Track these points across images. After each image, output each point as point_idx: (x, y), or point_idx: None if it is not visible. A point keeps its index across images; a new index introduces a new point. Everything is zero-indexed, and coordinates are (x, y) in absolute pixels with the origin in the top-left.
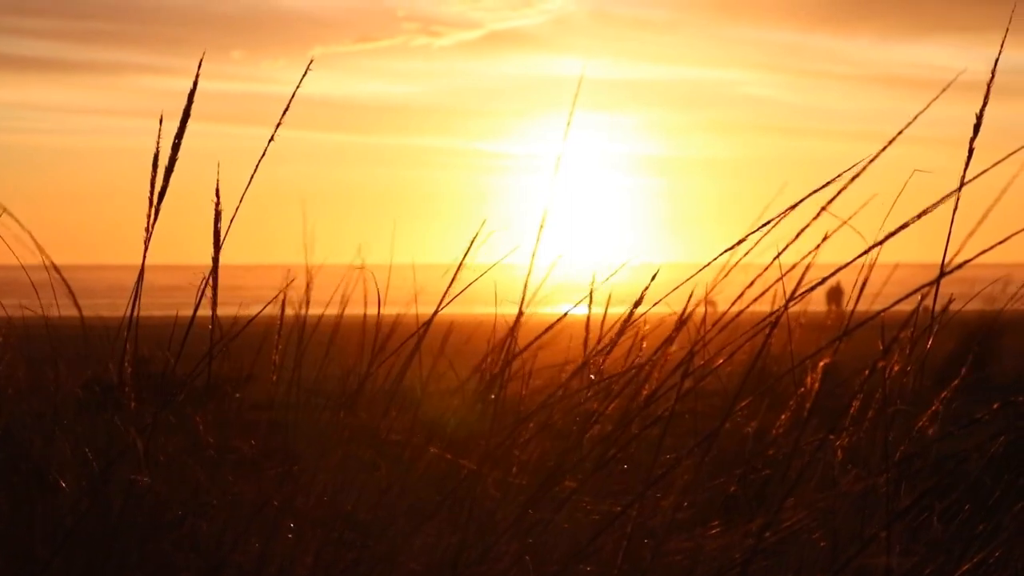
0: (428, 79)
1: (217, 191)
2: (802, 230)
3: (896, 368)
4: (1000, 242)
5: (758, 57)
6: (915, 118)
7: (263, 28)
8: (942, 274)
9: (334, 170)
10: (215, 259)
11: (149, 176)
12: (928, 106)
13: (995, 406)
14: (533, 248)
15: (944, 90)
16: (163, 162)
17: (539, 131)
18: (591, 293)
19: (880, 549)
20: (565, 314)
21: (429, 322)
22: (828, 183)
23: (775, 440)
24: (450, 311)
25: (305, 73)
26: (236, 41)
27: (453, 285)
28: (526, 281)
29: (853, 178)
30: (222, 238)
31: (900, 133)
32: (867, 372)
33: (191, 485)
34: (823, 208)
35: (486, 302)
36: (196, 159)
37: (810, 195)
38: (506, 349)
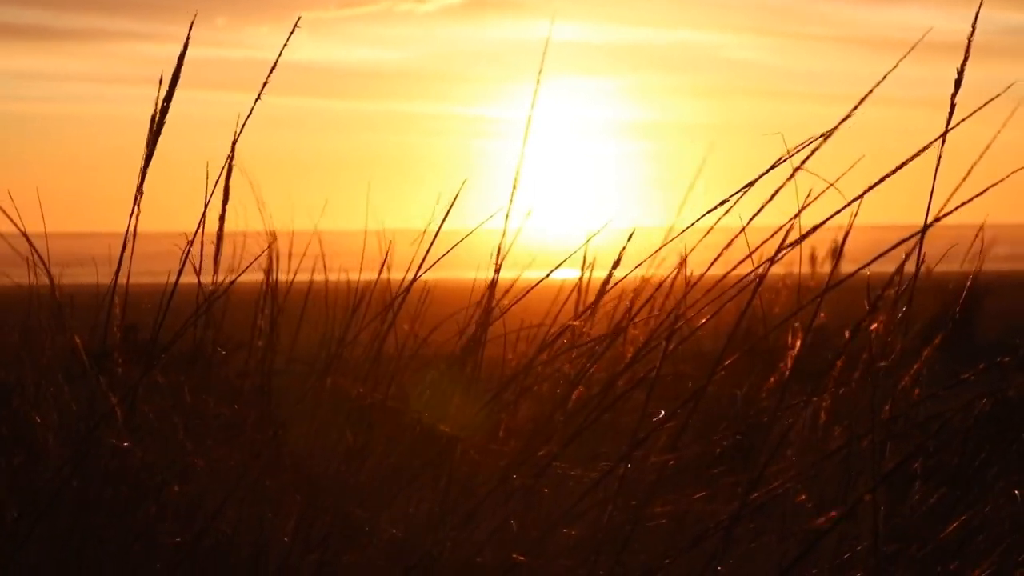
0: (412, 44)
1: (233, 144)
2: (778, 189)
3: (880, 328)
4: (978, 194)
5: (742, 20)
6: (884, 78)
7: None
8: (924, 228)
9: (318, 136)
10: (221, 216)
11: (134, 143)
12: (899, 63)
13: (980, 366)
14: (507, 211)
15: (912, 49)
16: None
17: (525, 95)
18: (585, 256)
19: (865, 511)
20: (547, 275)
21: (409, 287)
22: (805, 144)
23: (759, 401)
24: (429, 276)
25: (292, 33)
26: (220, 7)
27: (432, 249)
28: (500, 243)
29: (827, 136)
30: (208, 201)
31: (870, 92)
32: (848, 332)
33: (174, 451)
34: (798, 167)
35: (465, 266)
36: (179, 125)
37: (789, 156)
38: (484, 310)
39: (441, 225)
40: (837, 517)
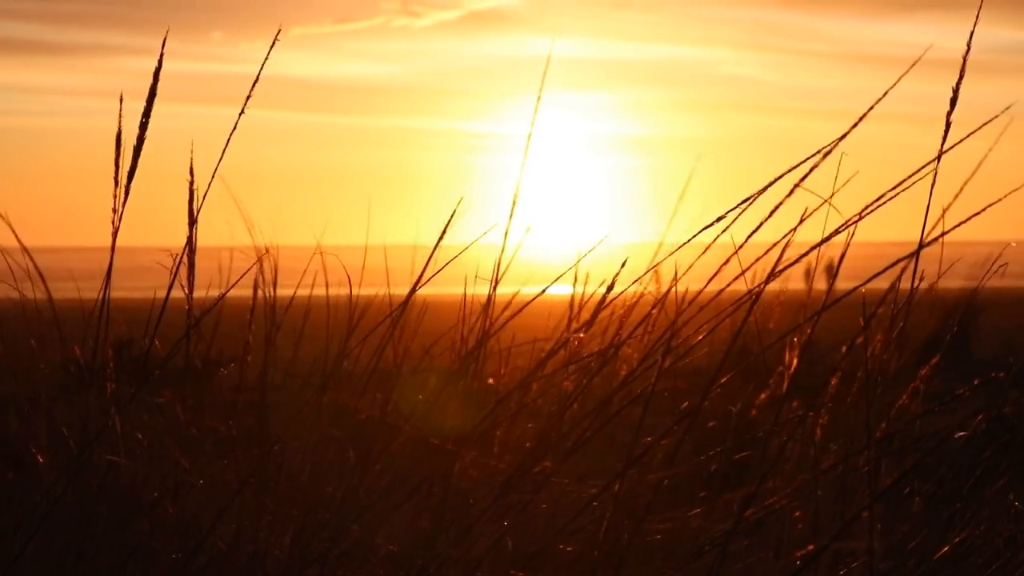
0: (408, 59)
1: (191, 170)
2: (776, 207)
3: (877, 345)
4: (976, 214)
5: (737, 36)
6: (884, 95)
7: (242, 9)
8: (920, 247)
9: (314, 151)
10: (190, 238)
11: (125, 157)
12: (898, 81)
13: (976, 382)
14: (506, 227)
15: (912, 66)
16: (131, 141)
17: (520, 111)
18: (576, 274)
19: (861, 528)
20: (542, 291)
21: (405, 302)
22: (804, 161)
23: (755, 418)
24: (425, 291)
25: (272, 46)
26: (215, 22)
27: (430, 265)
28: (498, 259)
29: (825, 154)
30: (196, 217)
31: (870, 110)
32: (845, 349)
33: (169, 466)
34: (797, 184)
35: (462, 282)
36: (174, 139)
37: (786, 173)
38: (480, 327)
39: (439, 241)
40: (833, 534)
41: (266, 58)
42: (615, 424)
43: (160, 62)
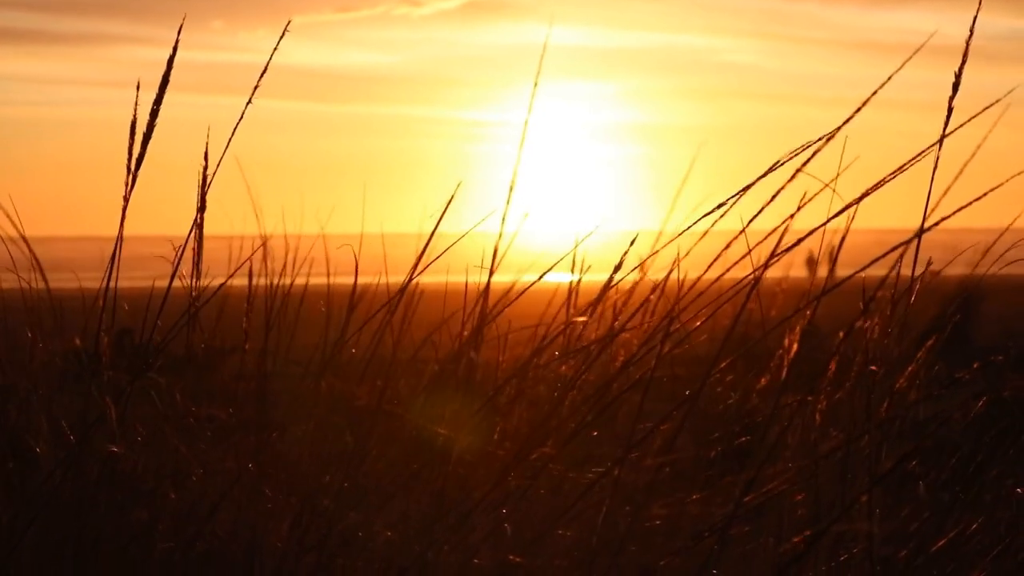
0: (409, 48)
1: (206, 155)
2: (777, 192)
3: (876, 330)
4: (976, 199)
5: (738, 23)
6: (887, 81)
7: None
8: (920, 232)
9: (314, 139)
10: (199, 224)
11: (127, 146)
12: (900, 68)
13: (975, 366)
14: (503, 213)
15: (916, 52)
16: (141, 129)
17: (521, 99)
18: (574, 260)
19: (861, 513)
20: (540, 277)
21: (403, 290)
22: (803, 147)
23: (755, 403)
24: (423, 279)
25: (281, 37)
26: (216, 11)
27: (427, 253)
28: (495, 245)
29: (827, 140)
30: (202, 204)
31: (873, 95)
32: (843, 334)
33: (168, 455)
34: (798, 170)
35: (460, 270)
36: (174, 129)
37: (785, 158)
38: (478, 313)
39: (436, 228)
40: (832, 518)
41: (275, 49)
42: (614, 410)
43: (175, 50)
